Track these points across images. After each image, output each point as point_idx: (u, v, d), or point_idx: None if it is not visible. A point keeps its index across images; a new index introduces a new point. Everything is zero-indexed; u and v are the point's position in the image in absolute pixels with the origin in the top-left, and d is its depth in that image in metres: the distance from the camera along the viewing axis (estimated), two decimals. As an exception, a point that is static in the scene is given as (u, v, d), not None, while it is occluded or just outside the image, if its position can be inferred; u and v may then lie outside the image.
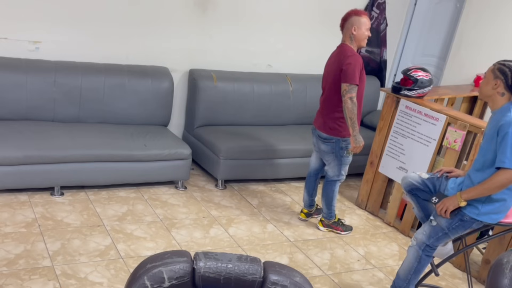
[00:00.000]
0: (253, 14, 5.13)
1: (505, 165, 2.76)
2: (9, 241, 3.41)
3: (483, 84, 2.93)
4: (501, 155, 2.78)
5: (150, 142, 4.34)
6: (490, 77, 2.88)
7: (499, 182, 2.80)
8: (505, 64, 2.86)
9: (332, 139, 3.89)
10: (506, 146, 2.77)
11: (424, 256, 3.12)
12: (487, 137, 2.92)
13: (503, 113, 2.84)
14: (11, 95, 4.20)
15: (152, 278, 1.54)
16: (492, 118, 2.93)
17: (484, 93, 2.93)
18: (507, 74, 2.84)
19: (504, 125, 2.79)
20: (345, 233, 4.25)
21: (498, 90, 2.86)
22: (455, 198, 2.93)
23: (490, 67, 2.92)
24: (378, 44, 5.74)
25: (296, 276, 1.64)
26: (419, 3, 6.10)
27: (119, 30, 4.62)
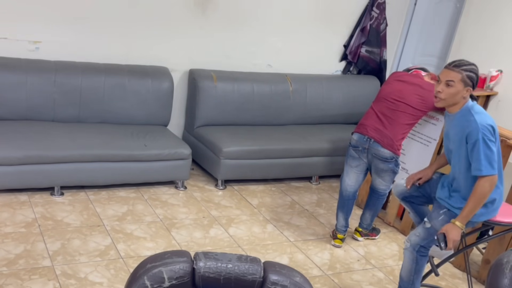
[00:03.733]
0: (253, 14, 5.13)
1: (482, 173, 2.77)
2: (9, 241, 3.41)
3: (451, 95, 2.83)
4: (477, 163, 2.78)
5: (150, 142, 4.34)
6: (460, 86, 2.81)
7: (483, 192, 2.79)
8: (472, 71, 2.83)
9: (394, 158, 3.76)
10: (479, 153, 2.75)
11: (419, 256, 3.10)
12: (456, 142, 2.89)
13: (466, 117, 2.83)
14: (11, 95, 4.20)
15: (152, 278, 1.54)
16: (454, 121, 2.90)
17: (452, 102, 2.87)
18: (474, 79, 2.83)
19: (472, 132, 2.77)
20: (377, 237, 4.26)
21: (466, 96, 2.85)
22: (454, 228, 2.85)
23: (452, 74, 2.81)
24: (378, 44, 5.74)
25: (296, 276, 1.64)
26: (419, 3, 6.10)
27: (119, 30, 4.62)
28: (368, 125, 3.77)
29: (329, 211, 4.62)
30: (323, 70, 5.72)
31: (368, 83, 5.80)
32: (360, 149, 3.79)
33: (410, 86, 3.78)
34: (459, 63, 2.85)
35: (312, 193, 4.95)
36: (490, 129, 2.79)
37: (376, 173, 3.88)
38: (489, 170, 2.77)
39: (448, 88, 2.82)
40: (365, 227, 4.15)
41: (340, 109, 5.60)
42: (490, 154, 2.77)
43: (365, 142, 3.74)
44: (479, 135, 2.74)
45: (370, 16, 5.61)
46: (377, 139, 3.71)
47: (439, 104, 2.90)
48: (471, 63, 2.87)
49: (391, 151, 3.71)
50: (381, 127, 3.72)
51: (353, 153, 3.83)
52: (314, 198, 4.83)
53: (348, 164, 3.89)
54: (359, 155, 3.81)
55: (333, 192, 5.04)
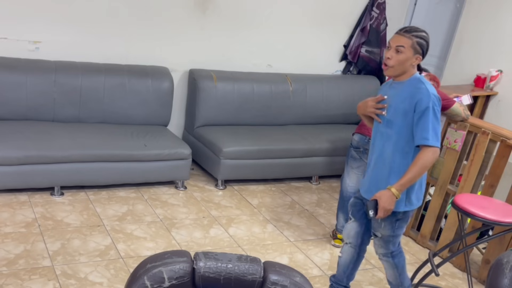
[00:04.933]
0: (253, 14, 5.13)
1: (428, 143, 2.63)
2: (9, 241, 3.41)
3: (400, 61, 2.68)
4: (423, 132, 2.63)
5: (150, 142, 4.34)
6: (410, 53, 2.67)
7: (426, 161, 2.64)
8: (423, 37, 2.69)
9: None
10: (427, 122, 2.62)
11: (397, 259, 3.05)
12: (400, 110, 2.71)
13: (415, 85, 2.70)
14: (11, 95, 4.20)
15: (152, 278, 1.54)
16: (400, 89, 2.74)
17: (401, 70, 2.72)
18: (424, 47, 2.70)
19: (423, 99, 2.63)
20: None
21: (415, 64, 2.72)
22: (390, 194, 2.68)
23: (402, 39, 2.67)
24: (378, 44, 5.74)
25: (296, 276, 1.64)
26: (419, 3, 6.10)
27: (119, 30, 4.62)
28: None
29: (329, 211, 4.62)
30: (323, 70, 5.71)
31: (368, 83, 5.80)
32: (361, 150, 3.76)
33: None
34: (410, 29, 2.71)
35: (312, 193, 4.95)
36: (438, 100, 2.70)
37: None
38: (435, 141, 2.64)
39: (397, 55, 2.68)
40: None
41: (340, 109, 5.60)
42: (437, 126, 2.66)
43: (366, 143, 3.71)
44: (429, 103, 2.62)
45: (370, 16, 5.61)
46: None
47: (388, 72, 2.75)
48: (422, 30, 2.73)
49: None
50: None
51: (354, 154, 3.81)
52: (314, 198, 4.83)
53: (349, 165, 3.86)
54: (360, 156, 3.78)
55: (333, 192, 5.04)
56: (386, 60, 2.73)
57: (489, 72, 5.69)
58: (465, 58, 5.94)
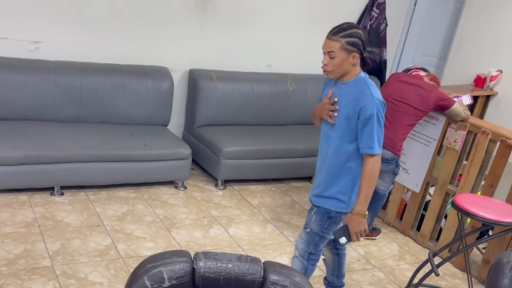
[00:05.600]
0: (253, 14, 5.13)
1: (373, 152, 2.59)
2: (9, 241, 3.41)
3: (336, 65, 2.60)
4: (368, 141, 2.58)
5: (150, 142, 4.34)
6: (343, 55, 2.57)
7: (374, 171, 2.62)
8: (352, 35, 2.57)
9: (394, 159, 3.77)
10: (372, 130, 2.56)
11: (310, 266, 2.96)
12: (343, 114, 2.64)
13: (359, 88, 2.62)
14: (11, 95, 4.20)
15: (152, 278, 1.54)
16: (345, 91, 2.66)
17: (342, 72, 2.64)
18: (358, 44, 2.58)
19: (368, 106, 2.56)
20: (378, 237, 4.24)
21: (354, 63, 2.62)
22: (357, 217, 2.66)
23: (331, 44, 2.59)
24: (378, 44, 5.74)
25: (296, 276, 1.64)
26: (419, 3, 6.10)
27: (119, 30, 4.62)
28: None
29: (329, 211, 4.62)
30: (323, 70, 5.70)
31: (368, 83, 5.79)
32: None
33: (410, 87, 3.79)
34: (337, 30, 2.59)
35: (312, 193, 4.95)
36: (382, 105, 2.63)
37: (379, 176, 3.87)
38: (379, 149, 2.61)
39: (332, 60, 2.60)
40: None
41: (340, 109, 5.59)
42: (380, 134, 2.61)
43: None
44: (374, 110, 2.56)
45: (370, 16, 5.61)
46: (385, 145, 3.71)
47: (330, 76, 2.69)
48: (352, 26, 2.61)
49: (392, 152, 3.73)
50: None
51: None
52: (314, 198, 4.83)
53: None
54: None
55: (333, 192, 5.04)
56: (323, 66, 2.66)
57: (489, 72, 5.70)
58: (465, 58, 5.94)
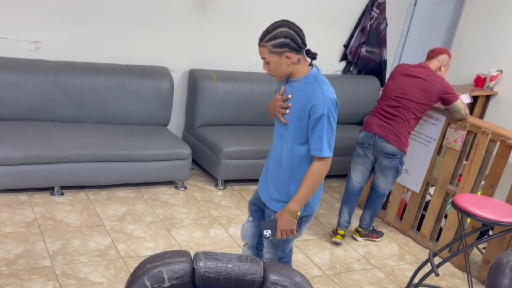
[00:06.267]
0: (253, 14, 5.13)
1: (322, 154, 2.47)
2: (9, 241, 3.41)
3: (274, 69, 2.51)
4: (318, 143, 2.47)
5: (150, 142, 4.34)
6: (275, 58, 2.47)
7: (319, 174, 2.50)
8: (276, 36, 2.46)
9: (398, 154, 3.77)
10: (322, 132, 2.45)
11: None
12: (295, 113, 2.51)
13: (310, 86, 2.51)
14: (11, 95, 4.20)
15: (152, 278, 1.54)
16: (296, 88, 2.54)
17: (285, 73, 2.52)
18: (286, 42, 2.46)
19: (318, 105, 2.44)
20: (379, 240, 4.23)
21: (293, 61, 2.49)
22: (288, 215, 2.54)
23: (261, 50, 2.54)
24: (378, 44, 5.74)
25: (296, 276, 1.64)
26: (419, 3, 6.10)
27: (119, 30, 4.62)
28: (373, 123, 3.83)
29: (329, 211, 4.62)
30: (323, 70, 5.58)
31: (368, 83, 5.80)
32: (365, 145, 3.85)
33: (412, 80, 3.80)
34: (263, 35, 2.52)
35: (312, 193, 4.94)
36: (335, 104, 2.53)
37: (380, 170, 3.90)
38: (328, 152, 2.49)
39: (268, 65, 2.52)
40: (365, 227, 4.15)
41: (340, 109, 5.43)
42: (331, 135, 2.50)
43: (370, 138, 3.81)
44: (324, 110, 2.44)
45: (370, 16, 5.61)
46: (382, 134, 3.76)
47: (278, 80, 2.61)
48: (277, 26, 2.50)
49: (397, 147, 3.74)
50: (386, 124, 3.77)
51: (359, 151, 3.89)
52: (314, 198, 4.82)
53: (355, 162, 3.96)
54: (365, 152, 3.86)
55: (333, 192, 5.04)
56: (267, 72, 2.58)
57: (489, 72, 5.70)
58: (465, 58, 5.94)
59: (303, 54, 2.54)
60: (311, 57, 2.58)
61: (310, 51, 2.57)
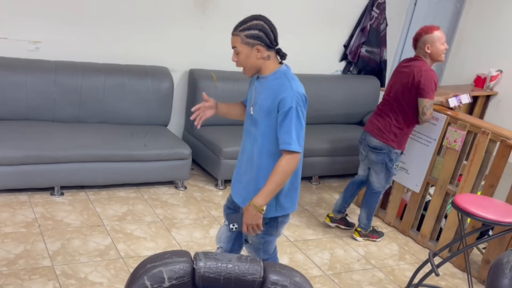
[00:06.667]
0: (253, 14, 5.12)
1: (290, 148, 2.42)
2: (9, 241, 3.41)
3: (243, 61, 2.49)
4: (286, 136, 2.42)
5: (150, 142, 4.34)
6: (246, 49, 2.46)
7: (288, 168, 2.43)
8: (251, 28, 2.47)
9: (384, 148, 3.81)
10: (291, 125, 2.41)
11: None
12: (264, 108, 2.48)
13: (279, 81, 2.47)
14: (11, 95, 4.20)
15: (152, 278, 1.54)
16: (264, 85, 2.52)
17: (254, 67, 2.50)
18: (260, 36, 2.46)
19: (287, 99, 2.40)
20: (379, 240, 4.22)
21: (263, 55, 2.48)
22: (252, 209, 2.45)
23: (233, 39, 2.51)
24: (378, 44, 5.74)
25: (296, 276, 1.64)
26: (419, 3, 6.10)
27: (119, 30, 4.62)
28: (367, 121, 4.00)
29: (329, 211, 4.61)
30: (323, 70, 5.72)
31: (368, 83, 5.80)
32: (360, 141, 4.03)
33: (400, 75, 3.84)
34: (237, 25, 2.51)
35: (312, 193, 4.95)
36: (304, 99, 2.48)
37: (370, 166, 4.00)
38: (297, 147, 2.45)
39: (238, 56, 2.51)
40: (363, 227, 4.15)
41: (340, 109, 5.60)
42: (300, 130, 2.47)
43: (362, 134, 4.00)
44: (293, 103, 2.40)
45: (370, 16, 5.61)
46: (369, 130, 3.90)
47: (246, 73, 2.57)
48: (254, 18, 2.51)
49: (381, 141, 3.80)
50: (374, 120, 3.90)
51: (359, 147, 4.07)
52: (314, 198, 4.83)
53: (360, 159, 4.15)
54: (360, 148, 4.05)
55: (333, 192, 5.04)
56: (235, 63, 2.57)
57: (489, 72, 5.70)
58: (465, 58, 5.94)
59: (274, 52, 2.53)
60: (281, 56, 2.56)
61: (281, 50, 2.55)
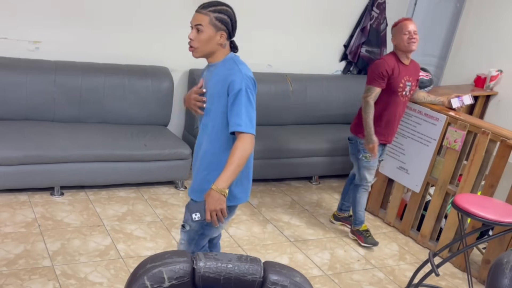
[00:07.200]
0: (253, 14, 5.13)
1: (242, 129, 2.39)
2: (9, 241, 3.41)
3: (203, 41, 2.44)
4: (237, 118, 2.39)
5: (150, 142, 4.34)
6: (211, 31, 2.42)
7: (244, 150, 2.39)
8: (222, 11, 2.44)
9: (353, 139, 3.96)
10: (241, 106, 2.40)
11: None
12: (215, 95, 2.46)
13: (228, 66, 2.48)
14: (11, 95, 4.20)
15: (152, 278, 1.54)
16: (214, 72, 2.51)
17: (208, 50, 2.47)
18: (227, 22, 2.45)
19: (236, 81, 2.41)
20: (365, 245, 4.07)
21: (221, 42, 2.47)
22: (215, 193, 2.35)
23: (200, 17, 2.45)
24: (378, 44, 5.74)
25: (296, 276, 1.64)
26: (419, 3, 6.10)
27: (119, 30, 4.62)
28: None
29: (329, 211, 4.62)
30: (323, 70, 5.72)
31: (368, 83, 5.79)
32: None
33: None
34: (207, 4, 2.46)
35: (312, 193, 4.95)
36: (253, 83, 2.50)
37: None
38: (250, 128, 2.42)
39: (199, 34, 2.44)
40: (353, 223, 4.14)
41: (340, 109, 5.60)
42: (251, 111, 2.45)
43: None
44: (242, 85, 2.41)
45: (370, 16, 5.61)
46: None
47: (196, 55, 2.52)
48: (223, 3, 2.49)
49: (352, 132, 3.97)
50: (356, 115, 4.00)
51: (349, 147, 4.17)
52: (314, 198, 4.83)
53: None
54: None
55: (333, 192, 5.04)
56: (189, 41, 2.49)
57: (489, 72, 5.69)
58: (465, 58, 5.93)
59: (229, 43, 2.54)
60: (235, 48, 2.59)
61: (234, 42, 2.57)
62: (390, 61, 3.74)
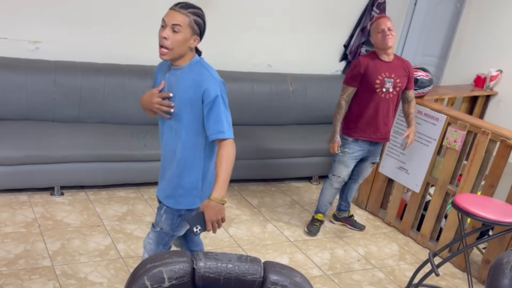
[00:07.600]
0: (253, 13, 5.13)
1: (225, 136, 2.37)
2: (9, 241, 3.41)
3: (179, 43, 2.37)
4: (218, 125, 2.37)
5: (150, 142, 4.34)
6: (188, 33, 2.38)
7: (230, 156, 2.36)
8: (199, 15, 2.42)
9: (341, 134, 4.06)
10: (220, 113, 2.38)
11: None
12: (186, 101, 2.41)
13: (197, 71, 2.44)
14: (11, 95, 4.20)
15: (152, 278, 1.54)
16: (181, 77, 2.45)
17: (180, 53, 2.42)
18: (202, 27, 2.44)
19: (210, 88, 2.37)
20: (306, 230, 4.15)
21: (193, 46, 2.45)
22: (215, 204, 2.33)
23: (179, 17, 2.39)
24: (378, 44, 5.74)
25: (296, 276, 1.64)
26: (419, 3, 6.10)
27: (119, 30, 4.62)
28: None
29: (329, 211, 4.61)
30: (323, 70, 5.72)
31: (368, 83, 5.79)
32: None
33: None
34: (186, 5, 2.41)
35: (312, 193, 4.95)
36: (224, 85, 2.48)
37: None
38: (230, 133, 2.41)
39: (174, 35, 2.37)
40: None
41: (340, 109, 5.59)
42: (229, 116, 2.44)
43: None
44: (218, 91, 2.38)
45: (370, 16, 5.60)
46: None
47: (165, 57, 2.43)
48: (199, 9, 2.47)
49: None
50: None
51: None
52: (314, 198, 4.83)
53: None
54: None
55: (333, 192, 5.04)
56: (162, 40, 2.40)
57: (489, 72, 5.69)
58: (465, 58, 5.93)
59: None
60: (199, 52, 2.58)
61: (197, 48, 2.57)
62: (364, 60, 3.83)
